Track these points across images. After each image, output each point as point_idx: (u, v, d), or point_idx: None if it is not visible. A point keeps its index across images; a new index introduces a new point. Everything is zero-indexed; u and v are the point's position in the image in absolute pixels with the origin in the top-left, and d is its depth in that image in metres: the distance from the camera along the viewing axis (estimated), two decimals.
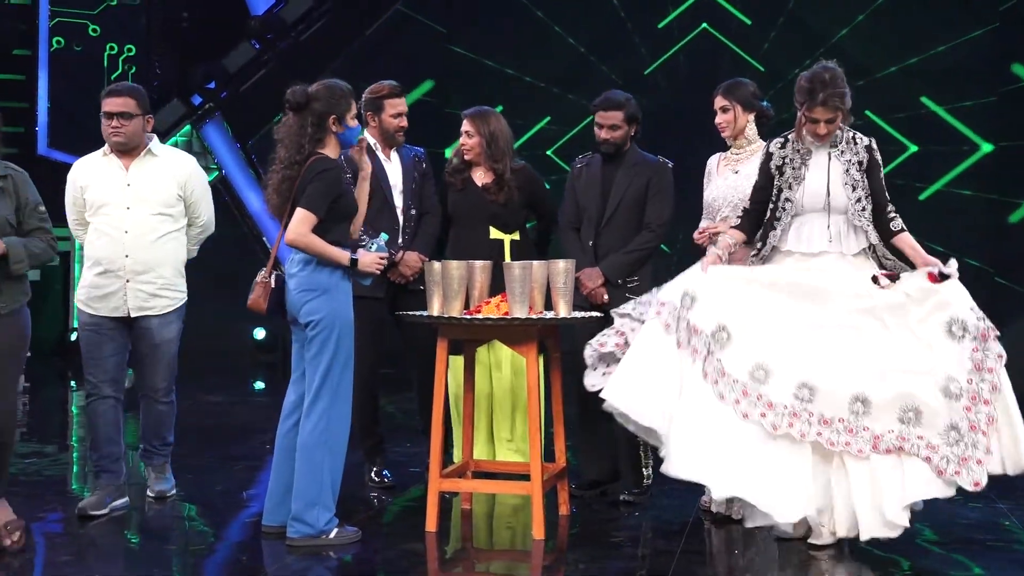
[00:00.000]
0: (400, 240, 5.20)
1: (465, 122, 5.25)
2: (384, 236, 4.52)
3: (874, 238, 4.31)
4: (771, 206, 4.35)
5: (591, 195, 5.07)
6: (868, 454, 4.05)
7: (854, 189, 4.25)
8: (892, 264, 4.31)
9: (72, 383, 9.06)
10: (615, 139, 5.02)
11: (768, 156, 4.40)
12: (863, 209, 4.26)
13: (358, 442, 5.25)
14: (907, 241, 4.31)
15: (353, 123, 4.31)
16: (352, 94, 4.35)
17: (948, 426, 4.04)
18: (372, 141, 5.18)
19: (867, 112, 9.62)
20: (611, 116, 5.00)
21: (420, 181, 5.27)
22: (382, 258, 4.34)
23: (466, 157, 5.26)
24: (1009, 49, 9.64)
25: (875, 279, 4.21)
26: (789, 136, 4.40)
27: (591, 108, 5.11)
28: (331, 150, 4.27)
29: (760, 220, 4.39)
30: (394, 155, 5.27)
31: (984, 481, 4.03)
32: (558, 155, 11.06)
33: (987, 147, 9.81)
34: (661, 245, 5.21)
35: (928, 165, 9.84)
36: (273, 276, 4.26)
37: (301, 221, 4.13)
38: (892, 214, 4.32)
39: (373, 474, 5.32)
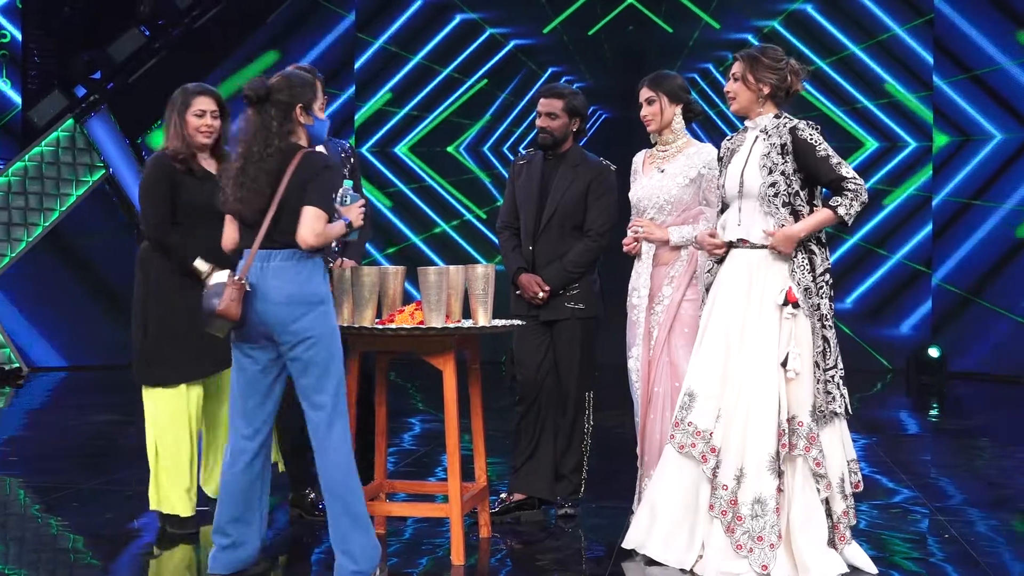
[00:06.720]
0: (335, 245, 4.78)
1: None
2: (349, 182, 4.09)
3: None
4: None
5: (528, 195, 4.92)
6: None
7: (770, 172, 4.06)
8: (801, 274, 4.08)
9: None
10: (551, 128, 4.88)
11: (720, 149, 4.33)
12: (776, 195, 4.06)
13: (289, 465, 4.84)
14: (814, 214, 4.05)
15: (322, 115, 3.97)
16: (315, 83, 3.95)
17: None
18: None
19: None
20: (550, 104, 4.88)
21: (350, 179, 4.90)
22: (361, 205, 4.01)
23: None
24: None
25: (787, 300, 4.02)
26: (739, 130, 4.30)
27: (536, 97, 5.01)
28: (304, 144, 3.90)
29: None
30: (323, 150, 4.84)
31: None
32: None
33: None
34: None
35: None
36: (245, 278, 3.79)
37: (317, 219, 3.75)
38: (842, 195, 4.02)
39: (312, 501, 4.83)
